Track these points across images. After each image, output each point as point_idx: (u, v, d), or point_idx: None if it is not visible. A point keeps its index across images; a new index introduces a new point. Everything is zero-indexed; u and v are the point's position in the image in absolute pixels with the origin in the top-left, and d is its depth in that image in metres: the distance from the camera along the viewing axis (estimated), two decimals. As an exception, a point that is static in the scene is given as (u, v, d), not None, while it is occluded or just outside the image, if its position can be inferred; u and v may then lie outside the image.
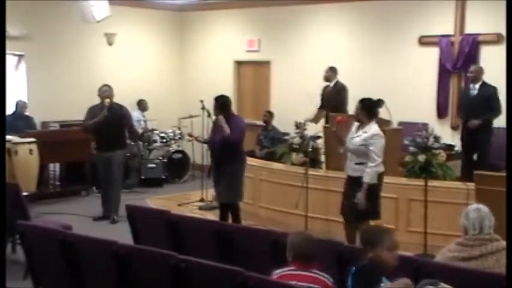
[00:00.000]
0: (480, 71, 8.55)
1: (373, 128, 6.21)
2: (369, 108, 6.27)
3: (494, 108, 8.33)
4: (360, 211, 6.19)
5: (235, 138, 7.09)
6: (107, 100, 8.39)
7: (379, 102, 6.47)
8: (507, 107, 7.84)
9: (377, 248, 3.40)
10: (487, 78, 8.52)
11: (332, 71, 9.72)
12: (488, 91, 8.40)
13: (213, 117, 7.40)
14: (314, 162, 7.91)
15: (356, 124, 6.34)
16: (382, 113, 7.67)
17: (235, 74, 12.42)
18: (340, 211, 6.50)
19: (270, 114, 11.19)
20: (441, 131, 8.62)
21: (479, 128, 8.37)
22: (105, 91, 8.51)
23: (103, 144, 8.54)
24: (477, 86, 8.51)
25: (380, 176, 6.30)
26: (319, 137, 8.20)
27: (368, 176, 6.12)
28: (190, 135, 7.99)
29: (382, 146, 6.19)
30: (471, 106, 8.47)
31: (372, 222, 6.41)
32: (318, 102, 9.86)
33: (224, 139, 7.02)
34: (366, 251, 3.45)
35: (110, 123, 8.35)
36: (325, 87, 9.84)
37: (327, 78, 9.73)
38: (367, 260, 3.44)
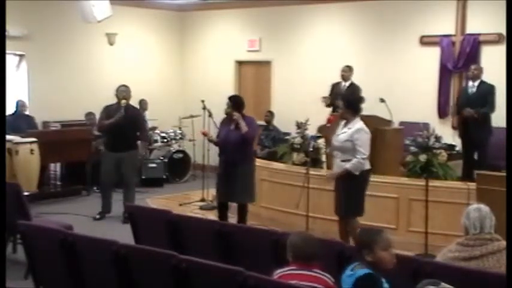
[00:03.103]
0: (481, 70, 8.61)
1: (357, 123, 6.31)
2: (353, 105, 6.40)
3: (488, 103, 8.33)
4: (346, 207, 6.26)
5: (254, 135, 7.22)
6: (123, 101, 8.33)
7: (361, 99, 6.67)
8: (507, 107, 7.83)
9: (374, 250, 3.41)
10: (487, 77, 8.54)
11: (350, 71, 9.68)
12: (487, 89, 8.42)
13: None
14: (315, 162, 7.90)
15: (342, 122, 6.44)
16: (383, 112, 7.71)
17: (236, 74, 12.42)
18: (334, 210, 6.59)
19: (271, 114, 11.20)
20: (442, 130, 8.61)
21: (478, 127, 8.37)
22: (123, 91, 8.46)
23: (115, 144, 8.45)
24: (476, 84, 8.54)
25: (366, 173, 6.38)
26: (320, 137, 8.20)
27: (352, 164, 6.22)
28: (204, 133, 7.84)
29: (368, 140, 6.30)
30: (469, 104, 8.48)
31: (373, 222, 6.46)
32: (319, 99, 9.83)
33: (243, 136, 7.03)
34: (363, 254, 3.45)
35: (125, 125, 8.29)
36: (337, 84, 9.77)
37: (345, 77, 9.68)
38: (365, 265, 3.42)
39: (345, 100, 6.48)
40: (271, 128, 11.10)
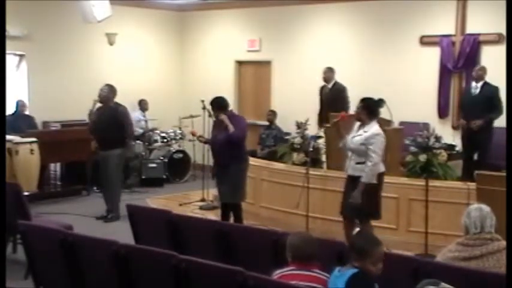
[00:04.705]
0: (485, 71, 8.58)
1: (373, 127, 6.23)
2: (370, 107, 6.31)
3: (496, 107, 8.35)
4: (360, 210, 6.22)
5: (240, 135, 7.11)
6: (93, 100, 8.53)
7: (380, 102, 6.53)
8: (507, 107, 7.85)
9: (364, 260, 3.38)
10: (488, 77, 8.55)
11: (331, 71, 9.69)
12: (490, 91, 8.42)
13: (214, 118, 7.41)
14: (315, 162, 7.90)
15: (357, 124, 6.37)
16: (383, 112, 7.68)
17: (236, 74, 12.42)
18: (340, 210, 6.52)
19: (273, 113, 11.19)
20: (442, 130, 8.62)
21: (481, 128, 8.38)
22: (100, 90, 8.58)
23: (99, 144, 8.62)
24: (479, 85, 8.53)
25: (380, 176, 6.31)
26: (320, 137, 8.20)
27: (366, 175, 6.14)
28: (193, 133, 7.89)
29: (382, 145, 6.21)
30: (472, 105, 8.48)
31: (373, 222, 6.46)
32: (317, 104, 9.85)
33: (229, 137, 7.03)
34: (351, 257, 3.44)
35: (102, 124, 8.43)
36: (323, 88, 9.82)
37: (326, 79, 9.71)
38: (354, 267, 3.41)
39: (362, 101, 6.38)
40: (274, 127, 11.10)
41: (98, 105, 8.60)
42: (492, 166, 7.61)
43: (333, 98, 9.51)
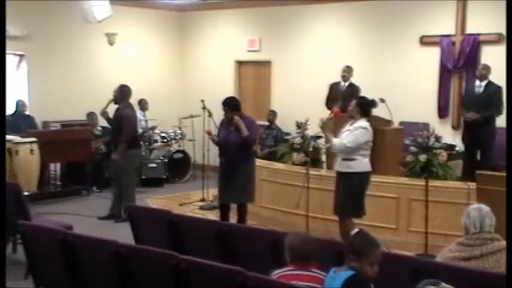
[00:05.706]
0: (489, 70, 8.51)
1: (361, 122, 6.31)
2: (363, 106, 6.40)
3: (494, 106, 8.30)
4: (344, 208, 6.28)
5: (255, 138, 7.22)
6: (108, 99, 8.54)
7: (374, 103, 6.65)
8: (507, 107, 7.85)
9: (361, 260, 3.37)
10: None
11: (351, 71, 9.64)
12: (493, 91, 8.37)
13: (225, 118, 7.32)
14: (315, 162, 7.91)
15: (350, 122, 6.44)
16: (383, 112, 7.71)
17: (236, 74, 12.42)
18: (333, 209, 6.61)
19: (273, 113, 11.20)
20: (442, 130, 8.63)
21: (482, 126, 8.35)
22: (113, 92, 8.57)
23: (111, 145, 8.70)
24: (483, 84, 8.49)
25: (366, 175, 6.37)
26: (320, 137, 8.20)
27: (335, 140, 6.28)
28: (208, 132, 7.79)
29: (364, 137, 6.28)
30: (475, 104, 8.43)
31: (373, 223, 6.47)
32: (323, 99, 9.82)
33: (245, 140, 7.03)
34: (348, 257, 3.42)
35: (112, 126, 8.58)
36: (336, 84, 9.72)
37: (346, 78, 9.65)
38: (350, 267, 3.41)
39: (358, 99, 6.50)
40: (274, 127, 11.10)
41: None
42: (492, 166, 7.62)
43: (347, 97, 9.44)
